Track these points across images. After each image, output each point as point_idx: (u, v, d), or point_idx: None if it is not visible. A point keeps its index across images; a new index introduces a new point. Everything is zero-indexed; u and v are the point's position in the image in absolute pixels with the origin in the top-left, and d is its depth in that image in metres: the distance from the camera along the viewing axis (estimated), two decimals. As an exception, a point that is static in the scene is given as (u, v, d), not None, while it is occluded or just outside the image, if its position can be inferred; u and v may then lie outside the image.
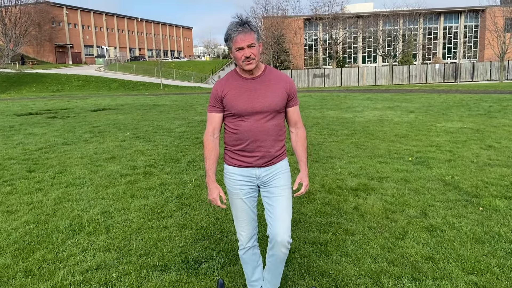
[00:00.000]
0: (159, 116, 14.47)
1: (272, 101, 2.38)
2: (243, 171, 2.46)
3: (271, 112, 2.39)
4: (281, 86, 2.42)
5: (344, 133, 9.44)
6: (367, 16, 57.45)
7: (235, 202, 2.52)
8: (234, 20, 2.30)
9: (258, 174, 2.47)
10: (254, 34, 2.29)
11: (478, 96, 19.17)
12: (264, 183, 2.49)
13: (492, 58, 50.77)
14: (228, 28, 2.30)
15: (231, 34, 2.28)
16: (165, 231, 3.92)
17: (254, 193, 2.53)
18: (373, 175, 5.74)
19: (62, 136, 10.06)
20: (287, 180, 2.51)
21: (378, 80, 47.01)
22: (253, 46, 2.29)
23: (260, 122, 2.38)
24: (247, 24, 2.29)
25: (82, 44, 78.44)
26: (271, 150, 2.44)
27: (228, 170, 2.53)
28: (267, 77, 2.42)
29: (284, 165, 2.52)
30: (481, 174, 5.61)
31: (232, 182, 2.50)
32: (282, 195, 2.47)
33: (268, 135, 2.40)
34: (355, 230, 3.83)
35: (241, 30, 2.26)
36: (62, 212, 4.51)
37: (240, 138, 2.40)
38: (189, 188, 5.30)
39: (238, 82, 2.41)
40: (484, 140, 8.11)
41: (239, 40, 2.26)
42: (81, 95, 32.58)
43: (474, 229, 3.79)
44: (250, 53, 2.28)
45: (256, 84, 2.40)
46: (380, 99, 19.89)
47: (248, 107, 2.36)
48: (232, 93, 2.40)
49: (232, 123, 2.44)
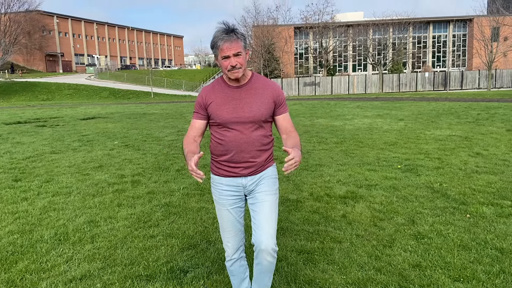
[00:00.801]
0: (148, 124, 14.41)
1: (257, 111, 2.32)
2: (230, 180, 2.41)
3: (257, 122, 2.34)
4: (267, 95, 2.36)
5: (333, 141, 9.47)
6: (357, 25, 58.04)
7: (222, 213, 2.48)
8: (221, 27, 2.23)
9: (245, 183, 2.41)
10: (241, 42, 2.23)
11: (467, 104, 19.39)
12: (250, 191, 2.45)
13: (480, 66, 51.55)
14: (214, 35, 2.23)
15: (217, 42, 2.21)
16: (151, 240, 3.87)
17: (241, 203, 2.48)
18: (362, 182, 5.75)
19: (50, 145, 9.96)
20: (272, 185, 2.45)
21: (368, 88, 47.40)
22: (240, 55, 2.22)
23: (246, 132, 2.32)
24: (233, 32, 2.21)
25: (72, 53, 78.16)
26: (258, 159, 2.38)
27: (214, 180, 2.48)
28: (254, 85, 2.36)
29: (270, 171, 2.47)
30: (468, 181, 5.64)
31: (219, 192, 2.46)
32: (266, 200, 2.40)
33: (254, 146, 2.34)
34: (343, 238, 3.82)
35: (227, 38, 2.19)
36: (47, 222, 4.44)
37: (225, 148, 2.35)
38: (176, 197, 5.26)
39: (224, 90, 2.35)
40: (472, 147, 8.18)
41: (225, 48, 2.20)
42: (71, 104, 32.36)
43: (461, 236, 3.80)
44: (236, 62, 2.22)
45: (242, 92, 2.34)
46: (370, 107, 20.03)
47: (232, 117, 2.30)
48: (217, 102, 2.34)
49: (217, 132, 2.38)
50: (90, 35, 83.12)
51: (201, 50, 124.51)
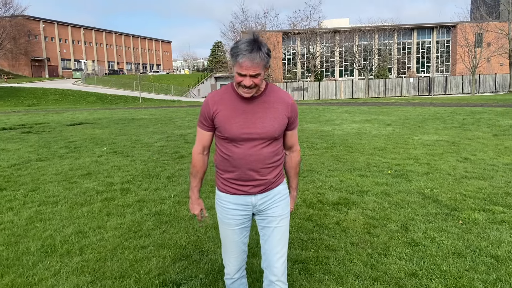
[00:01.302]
0: (137, 130, 14.25)
1: (270, 127, 2.12)
2: (238, 199, 2.23)
3: (269, 139, 2.14)
4: (282, 109, 2.16)
5: (323, 146, 9.47)
6: (344, 31, 58.61)
7: (226, 232, 2.31)
8: (248, 39, 1.98)
9: (254, 202, 2.23)
10: (263, 62, 1.99)
11: (452, 109, 19.64)
12: (260, 211, 2.27)
13: (464, 72, 52.40)
14: (238, 46, 1.98)
15: (238, 55, 1.96)
16: (142, 251, 3.78)
17: (247, 223, 2.32)
18: (354, 188, 5.74)
19: (36, 152, 9.76)
20: (286, 207, 2.30)
21: (355, 93, 47.78)
22: (258, 76, 2.01)
23: (255, 149, 2.13)
24: (259, 51, 1.96)
25: (59, 58, 77.28)
26: (268, 177, 2.20)
27: (220, 197, 2.28)
28: (268, 97, 2.14)
29: (282, 190, 2.29)
30: (458, 187, 5.67)
31: (225, 210, 2.27)
32: (279, 225, 2.26)
33: (263, 163, 2.16)
34: (338, 246, 3.78)
35: (250, 56, 1.95)
36: (34, 233, 4.31)
37: (232, 165, 2.16)
38: (167, 205, 5.17)
39: (234, 101, 2.12)
40: (459, 152, 8.25)
41: (244, 66, 1.96)
42: (58, 109, 31.90)
43: (455, 243, 3.79)
44: (251, 82, 2.01)
45: (255, 106, 2.12)
46: (357, 112, 20.15)
47: (242, 132, 2.10)
48: (226, 114, 2.12)
49: (223, 146, 2.18)
50: (77, 40, 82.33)
51: (190, 55, 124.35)
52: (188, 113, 23.54)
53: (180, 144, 10.54)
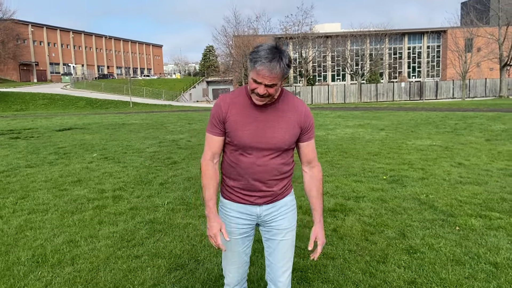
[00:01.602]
0: (128, 135, 14.11)
1: (281, 138, 2.03)
2: (242, 207, 2.15)
3: (278, 150, 2.05)
4: (294, 119, 2.06)
5: (318, 151, 9.42)
6: (336, 36, 58.93)
7: (228, 242, 2.19)
8: (269, 47, 1.89)
9: (259, 213, 2.15)
10: (281, 73, 1.89)
11: (443, 114, 19.78)
12: (265, 222, 2.19)
13: (454, 77, 52.94)
14: (259, 52, 1.88)
15: (257, 61, 1.86)
16: (136, 261, 3.68)
17: (251, 232, 2.22)
18: (350, 194, 5.70)
19: (25, 158, 9.59)
20: (292, 220, 2.21)
21: (347, 98, 48.00)
22: (273, 86, 1.91)
23: (263, 159, 2.04)
24: (280, 61, 1.86)
25: (47, 62, 76.63)
26: (274, 188, 2.11)
27: (224, 205, 2.20)
28: (281, 105, 2.05)
29: (289, 202, 2.20)
30: (454, 192, 5.66)
31: (228, 218, 2.17)
32: (285, 239, 2.18)
33: (271, 174, 2.07)
34: (336, 254, 3.72)
35: (269, 65, 1.84)
36: (24, 242, 4.20)
37: (238, 173, 2.08)
38: (161, 213, 5.07)
39: (246, 107, 2.03)
40: (453, 157, 8.27)
41: (261, 75, 1.87)
42: (46, 114, 31.55)
43: (453, 250, 3.76)
44: (265, 91, 1.91)
45: (267, 113, 2.03)
46: (350, 116, 20.21)
47: (252, 141, 2.01)
48: (237, 119, 2.03)
49: (231, 153, 2.10)
50: (66, 44, 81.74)
51: (181, 59, 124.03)
52: (180, 117, 23.41)
53: (173, 149, 10.43)
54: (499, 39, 39.71)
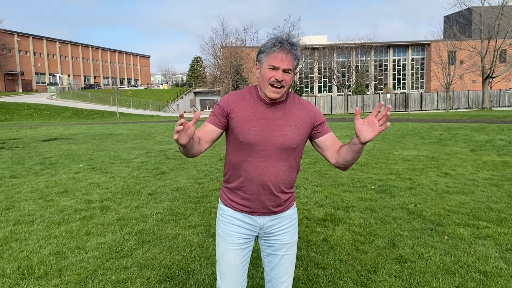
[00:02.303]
0: (115, 145, 13.97)
1: (289, 136, 1.97)
2: (244, 217, 2.06)
3: (286, 150, 1.98)
4: (303, 117, 2.02)
5: (306, 162, 9.47)
6: (322, 48, 59.63)
7: (225, 252, 2.06)
8: (279, 36, 1.93)
9: (262, 224, 2.07)
10: (294, 61, 1.92)
11: (429, 125, 20.07)
12: (267, 235, 2.11)
13: (438, 88, 53.88)
14: (272, 39, 1.91)
15: (272, 48, 1.87)
16: (125, 272, 3.62)
17: (250, 244, 2.11)
18: (339, 204, 5.71)
19: (10, 168, 9.41)
20: (294, 234, 2.17)
21: (334, 109, 48.42)
22: (290, 72, 1.91)
23: (271, 161, 1.96)
24: (294, 46, 1.90)
25: (33, 72, 75.81)
26: (280, 195, 2.04)
27: (224, 212, 2.09)
28: (289, 105, 2.02)
29: (292, 215, 2.15)
30: (441, 202, 5.72)
31: (228, 226, 2.06)
32: (287, 253, 2.12)
33: (277, 178, 1.99)
34: (327, 264, 3.72)
35: (286, 48, 1.87)
36: (9, 254, 4.10)
37: (243, 178, 1.99)
38: (150, 223, 5.01)
39: (255, 105, 1.98)
40: (439, 167, 8.37)
41: (279, 58, 1.86)
42: (32, 124, 31.09)
43: (443, 259, 3.79)
44: (283, 78, 1.89)
45: (275, 112, 1.98)
46: (337, 127, 20.36)
47: (260, 139, 1.94)
48: (244, 115, 1.95)
49: (236, 155, 2.00)
50: (52, 54, 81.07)
51: (168, 70, 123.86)
52: (167, 128, 23.29)
53: (161, 160, 10.36)
54: (481, 52, 40.64)
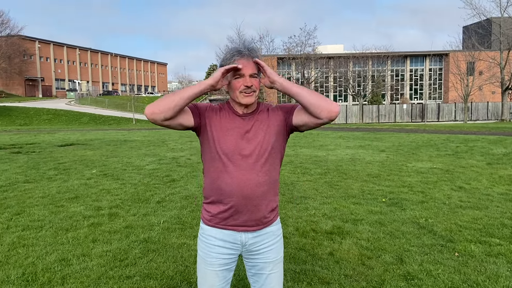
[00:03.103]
0: (129, 152, 14.10)
1: (265, 142, 1.95)
2: (226, 235, 1.99)
3: (264, 155, 1.94)
4: (275, 120, 2.01)
5: (317, 172, 9.38)
6: (338, 57, 59.46)
7: (205, 274, 2.02)
8: (237, 45, 1.96)
9: (245, 241, 2.00)
10: (257, 65, 1.96)
11: (445, 136, 19.74)
12: (250, 253, 2.05)
13: (456, 99, 53.11)
14: (230, 50, 1.94)
15: (231, 58, 1.91)
16: (128, 282, 3.61)
17: (233, 264, 2.07)
18: (348, 217, 5.62)
19: (24, 173, 9.56)
20: (280, 250, 2.11)
21: (349, 118, 48.11)
22: (255, 77, 1.93)
23: (249, 169, 1.92)
24: (253, 51, 1.93)
25: (53, 78, 77.42)
26: (262, 209, 1.98)
27: (204, 231, 2.03)
28: (261, 114, 2.02)
29: (276, 231, 2.08)
30: (454, 217, 5.58)
31: (209, 247, 2.01)
32: (274, 271, 2.06)
33: (258, 186, 1.93)
34: (331, 279, 3.64)
35: (245, 54, 1.90)
36: (15, 259, 4.13)
37: (223, 192, 1.94)
38: (156, 232, 5.01)
39: (229, 115, 2.00)
40: (454, 181, 8.20)
41: (241, 65, 1.89)
42: (50, 129, 31.67)
43: (452, 277, 3.68)
44: (252, 82, 1.91)
45: (248, 122, 1.98)
46: (351, 137, 20.18)
47: (236, 148, 1.93)
48: (220, 124, 1.97)
49: (214, 168, 1.96)
50: (72, 60, 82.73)
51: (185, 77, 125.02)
52: (181, 135, 23.44)
53: (172, 167, 10.40)
54: (500, 63, 39.96)
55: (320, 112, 1.88)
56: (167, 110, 1.86)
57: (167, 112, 1.86)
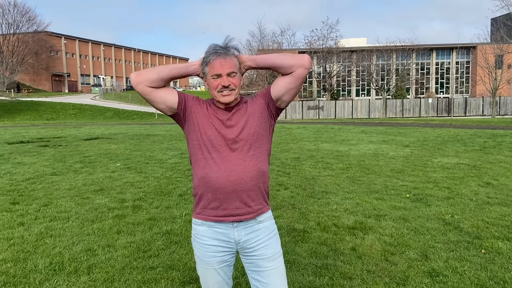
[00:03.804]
0: (152, 146, 14.30)
1: (249, 127, 1.97)
2: (218, 234, 1.99)
3: (248, 140, 1.95)
4: (257, 107, 2.02)
5: (339, 167, 9.30)
6: (361, 50, 58.63)
7: (206, 273, 2.03)
8: (215, 44, 1.97)
9: (238, 238, 1.99)
10: (236, 61, 1.95)
11: (472, 131, 19.24)
12: (246, 250, 2.02)
13: (484, 93, 51.64)
14: (206, 51, 1.95)
15: (208, 58, 1.92)
16: (151, 272, 3.67)
17: (231, 260, 2.06)
18: (370, 212, 5.55)
19: (51, 166, 9.82)
20: (276, 245, 2.05)
21: (372, 113, 47.42)
22: (234, 75, 1.92)
23: (237, 158, 1.92)
24: (229, 48, 1.93)
25: (79, 73, 79.02)
26: (251, 194, 1.97)
27: (198, 232, 2.04)
28: (243, 106, 2.03)
29: (269, 226, 2.05)
30: (481, 213, 5.44)
31: (203, 247, 2.01)
32: (273, 267, 2.00)
33: (245, 176, 1.93)
34: (353, 274, 3.61)
35: (222, 53, 1.90)
36: (43, 249, 4.25)
37: (210, 177, 1.94)
38: (178, 224, 5.07)
39: (213, 108, 2.02)
40: (481, 177, 7.98)
41: (217, 65, 1.90)
42: (75, 124, 32.44)
43: (478, 274, 3.59)
44: (229, 82, 1.91)
45: (232, 114, 2.00)
46: (374, 132, 19.90)
47: (219, 134, 1.95)
48: (205, 113, 2.00)
49: (200, 159, 1.97)
50: (96, 56, 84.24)
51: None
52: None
53: (194, 161, 10.48)
54: (531, 56, 38.57)
55: (294, 65, 1.96)
56: (153, 75, 1.99)
57: (152, 76, 1.99)
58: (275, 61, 1.98)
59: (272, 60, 1.98)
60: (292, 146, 14.02)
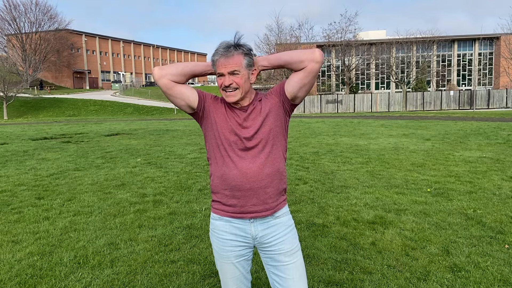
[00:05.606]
0: (171, 141, 14.46)
1: (264, 125, 1.97)
2: (236, 228, 2.01)
3: (265, 138, 1.97)
4: (268, 100, 2.01)
5: (358, 161, 9.22)
6: (380, 43, 57.73)
7: (224, 267, 2.05)
8: (225, 41, 1.97)
9: (255, 234, 2.01)
10: (242, 59, 1.91)
11: (496, 124, 18.79)
12: (263, 244, 2.04)
13: (508, 85, 50.25)
14: (215, 49, 1.98)
15: (213, 57, 1.95)
16: (172, 266, 3.74)
17: (249, 254, 2.07)
18: (390, 207, 5.51)
19: (74, 161, 10.04)
20: (294, 240, 2.05)
21: (391, 106, 46.75)
22: (237, 73, 1.90)
23: (254, 157, 1.94)
24: (232, 47, 1.91)
25: (99, 70, 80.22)
26: (268, 191, 1.98)
27: (215, 227, 2.06)
28: (257, 103, 2.02)
29: (286, 222, 2.05)
30: (504, 208, 5.33)
31: (221, 242, 2.03)
32: (291, 262, 2.00)
33: (262, 173, 1.95)
34: (373, 269, 3.59)
35: (224, 53, 1.90)
36: (67, 243, 4.37)
37: (227, 175, 1.96)
38: (198, 218, 5.13)
39: (227, 107, 2.03)
40: (505, 171, 7.81)
41: (220, 64, 1.90)
42: (97, 120, 33.02)
43: (501, 269, 3.53)
44: (231, 81, 1.90)
45: (246, 114, 1.99)
46: (394, 126, 19.64)
47: (236, 134, 1.96)
48: (221, 111, 2.01)
49: (218, 157, 1.99)
50: (116, 53, 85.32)
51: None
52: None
53: (213, 156, 10.56)
54: (558, 46, 37.31)
55: (305, 60, 1.93)
56: (177, 69, 2.01)
57: (176, 71, 2.01)
58: (286, 58, 1.97)
59: (284, 58, 1.98)
60: (311, 140, 13.97)
